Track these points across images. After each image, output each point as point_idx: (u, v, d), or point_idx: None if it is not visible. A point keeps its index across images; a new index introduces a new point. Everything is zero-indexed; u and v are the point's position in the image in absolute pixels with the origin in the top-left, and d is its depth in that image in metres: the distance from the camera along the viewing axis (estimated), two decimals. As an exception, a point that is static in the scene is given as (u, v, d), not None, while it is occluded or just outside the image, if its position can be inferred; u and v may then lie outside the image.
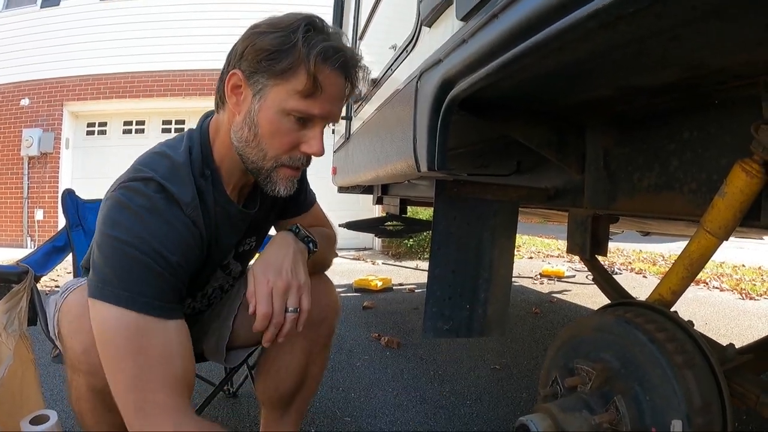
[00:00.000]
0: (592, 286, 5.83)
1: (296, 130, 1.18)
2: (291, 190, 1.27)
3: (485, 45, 0.97)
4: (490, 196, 1.60)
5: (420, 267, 7.38)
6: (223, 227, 1.31)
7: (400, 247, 8.60)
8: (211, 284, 1.50)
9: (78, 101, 9.81)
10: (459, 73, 1.11)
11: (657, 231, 3.13)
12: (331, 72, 1.14)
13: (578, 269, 7.06)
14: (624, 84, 1.22)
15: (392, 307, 4.72)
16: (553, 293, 5.39)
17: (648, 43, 0.86)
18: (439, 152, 1.22)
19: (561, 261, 8.21)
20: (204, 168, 1.24)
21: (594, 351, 1.25)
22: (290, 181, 1.26)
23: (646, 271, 7.17)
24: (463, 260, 1.58)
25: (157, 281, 1.08)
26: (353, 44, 3.36)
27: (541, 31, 0.79)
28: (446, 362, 3.15)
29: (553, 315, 4.40)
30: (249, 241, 1.51)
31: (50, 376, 2.64)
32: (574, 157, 1.61)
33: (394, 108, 1.69)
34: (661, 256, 8.65)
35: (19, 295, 1.55)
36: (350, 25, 3.73)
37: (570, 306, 4.82)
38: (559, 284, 5.98)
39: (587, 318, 1.34)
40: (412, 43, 1.61)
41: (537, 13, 0.80)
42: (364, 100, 2.60)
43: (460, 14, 1.14)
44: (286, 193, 1.27)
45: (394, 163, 1.67)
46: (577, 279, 6.29)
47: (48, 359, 1.56)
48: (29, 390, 1.53)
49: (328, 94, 1.16)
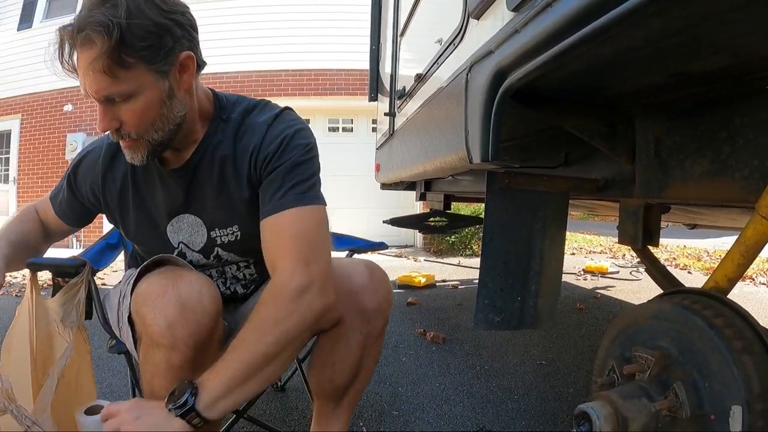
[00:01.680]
0: (636, 282, 5.77)
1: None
2: (132, 159, 1.32)
3: (540, 34, 0.98)
4: (541, 187, 1.60)
5: (462, 263, 7.35)
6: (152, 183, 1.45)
7: (441, 244, 8.58)
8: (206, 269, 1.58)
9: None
10: (513, 63, 1.11)
11: (705, 223, 3.08)
12: (70, 55, 1.18)
13: (621, 265, 6.97)
14: (675, 71, 1.22)
15: (436, 303, 4.71)
16: (597, 289, 5.33)
17: (699, 28, 0.86)
18: (493, 143, 1.23)
19: (604, 257, 8.10)
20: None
21: (651, 339, 1.25)
22: (126, 151, 1.31)
23: (690, 266, 7.04)
24: (514, 252, 1.58)
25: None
26: (394, 41, 3.37)
27: (597, 19, 0.80)
28: (492, 357, 3.15)
29: (598, 311, 4.35)
30: (227, 231, 1.50)
31: (98, 368, 2.70)
32: (624, 146, 1.60)
33: (443, 101, 1.70)
34: (705, 252, 8.48)
35: (76, 287, 1.58)
36: (389, 22, 3.74)
37: (614, 302, 4.76)
38: (603, 280, 5.90)
39: (643, 306, 1.33)
40: (459, 35, 1.61)
41: (594, 2, 0.80)
42: (408, 96, 2.61)
43: (511, 5, 1.14)
44: (130, 161, 1.33)
45: (443, 157, 1.68)
46: (621, 275, 6.19)
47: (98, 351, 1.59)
48: (84, 380, 1.56)
49: (79, 74, 1.19)
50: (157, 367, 1.26)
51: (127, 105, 1.21)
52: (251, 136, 1.40)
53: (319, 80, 9.31)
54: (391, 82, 3.32)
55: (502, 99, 1.18)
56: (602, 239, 10.44)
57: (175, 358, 1.23)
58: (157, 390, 1.28)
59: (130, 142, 1.27)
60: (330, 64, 9.22)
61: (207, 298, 1.28)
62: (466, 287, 5.50)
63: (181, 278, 1.28)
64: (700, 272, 6.65)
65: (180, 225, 1.49)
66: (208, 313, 1.27)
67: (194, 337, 1.23)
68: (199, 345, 1.25)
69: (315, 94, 9.33)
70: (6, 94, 11.00)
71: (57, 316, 1.55)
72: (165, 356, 1.24)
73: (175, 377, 1.25)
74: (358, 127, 9.80)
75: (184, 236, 1.51)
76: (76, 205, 1.58)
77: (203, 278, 1.33)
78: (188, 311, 1.23)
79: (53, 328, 1.53)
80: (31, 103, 10.74)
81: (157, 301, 1.24)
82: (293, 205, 1.32)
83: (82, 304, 1.57)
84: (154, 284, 1.27)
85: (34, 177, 10.54)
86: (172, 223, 1.49)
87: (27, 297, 1.52)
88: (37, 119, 10.68)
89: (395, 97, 3.07)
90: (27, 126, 10.78)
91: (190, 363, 1.25)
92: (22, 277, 6.22)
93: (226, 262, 1.59)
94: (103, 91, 1.17)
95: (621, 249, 8.95)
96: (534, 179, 1.60)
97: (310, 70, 9.26)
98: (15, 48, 11.13)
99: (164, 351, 1.23)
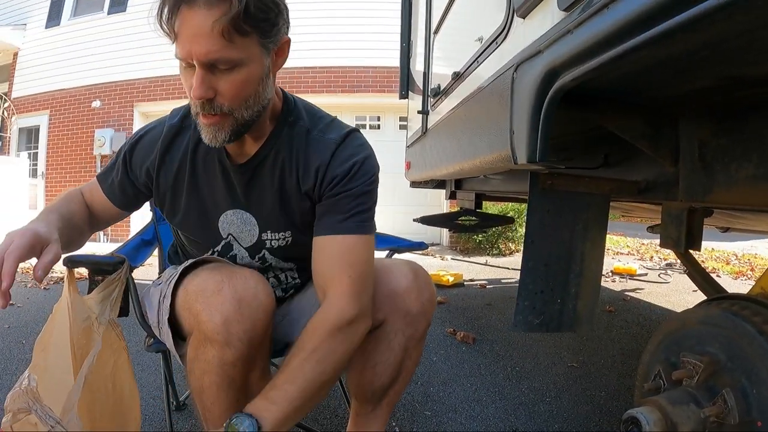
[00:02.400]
0: (665, 284, 5.71)
1: (190, 76, 1.19)
2: (212, 140, 1.27)
3: (597, 36, 0.97)
4: (583, 188, 1.59)
5: (489, 263, 7.33)
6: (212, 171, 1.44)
7: (468, 243, 8.57)
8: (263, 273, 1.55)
9: (148, 102, 10.14)
10: (565, 64, 1.10)
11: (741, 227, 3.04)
12: (174, 16, 1.13)
13: (650, 267, 6.91)
14: (726, 75, 1.20)
15: (465, 302, 4.70)
16: (626, 291, 5.29)
17: (758, 33, 0.85)
18: (541, 144, 1.22)
19: (631, 258, 8.04)
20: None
21: (699, 344, 1.24)
22: (207, 130, 1.26)
23: (719, 270, 6.95)
24: (555, 254, 1.57)
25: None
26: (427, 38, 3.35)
27: (661, 24, 0.79)
28: (523, 359, 3.13)
29: (627, 314, 4.31)
30: (279, 236, 1.52)
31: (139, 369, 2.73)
32: (667, 148, 1.58)
33: (484, 100, 1.69)
34: (734, 255, 8.39)
35: (113, 284, 1.59)
36: (421, 19, 3.73)
37: (644, 305, 4.72)
38: (631, 282, 5.85)
39: (690, 311, 1.32)
40: (503, 34, 1.60)
41: (656, 6, 0.79)
42: (443, 94, 2.61)
43: (563, 5, 1.13)
44: (209, 141, 1.28)
45: (483, 156, 1.67)
46: (650, 277, 6.14)
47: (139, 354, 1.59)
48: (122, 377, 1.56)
49: (183, 35, 1.14)
50: (210, 364, 1.27)
51: (229, 75, 1.18)
52: (318, 151, 1.40)
53: (347, 77, 9.35)
54: (424, 80, 3.32)
55: (553, 99, 1.16)
56: (629, 240, 10.35)
57: (229, 355, 1.25)
58: (206, 387, 1.29)
59: (218, 118, 1.23)
60: (357, 62, 9.25)
61: (263, 294, 1.29)
62: (494, 287, 5.49)
63: (236, 274, 1.29)
64: (729, 276, 6.58)
65: (233, 219, 1.49)
66: (264, 310, 1.28)
67: (249, 333, 1.25)
68: (254, 341, 1.27)
69: (342, 91, 9.37)
70: (35, 90, 11.20)
71: (93, 313, 1.55)
72: (219, 353, 1.25)
73: (226, 374, 1.26)
74: (385, 124, 9.83)
75: (234, 230, 1.51)
76: (128, 186, 1.52)
77: (257, 275, 1.34)
78: (245, 307, 1.24)
79: (90, 326, 1.54)
80: (60, 99, 10.93)
81: (213, 298, 1.25)
82: (353, 232, 1.36)
83: (117, 301, 1.58)
84: (209, 280, 1.28)
85: (62, 172, 10.71)
86: (227, 214, 1.49)
87: (65, 294, 1.53)
88: (65, 115, 10.87)
89: (429, 95, 3.06)
90: (55, 122, 10.96)
91: (243, 360, 1.27)
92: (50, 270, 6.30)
93: (269, 267, 1.59)
94: (213, 54, 1.14)
95: (648, 251, 8.87)
96: (577, 180, 1.59)
97: (338, 67, 9.30)
98: (43, 45, 11.35)
99: (218, 347, 1.24)
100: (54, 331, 1.49)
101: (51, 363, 1.46)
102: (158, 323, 1.47)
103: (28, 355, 3.07)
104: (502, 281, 5.88)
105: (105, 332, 1.53)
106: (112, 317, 1.56)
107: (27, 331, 3.63)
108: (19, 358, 3.03)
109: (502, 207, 7.67)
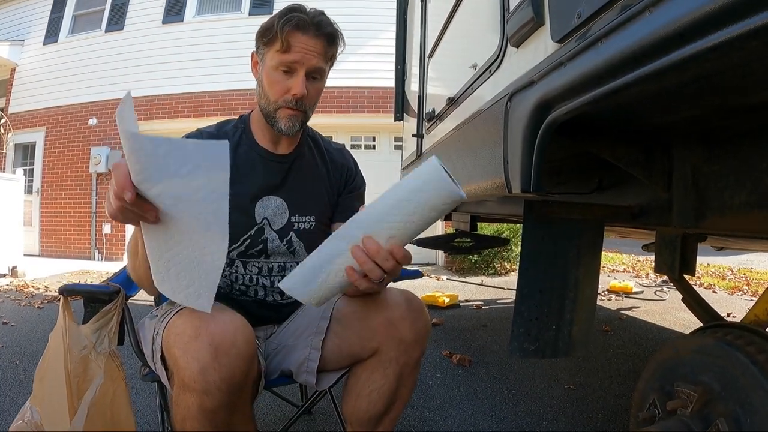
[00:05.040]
0: (661, 302, 5.71)
1: (285, 79, 1.56)
2: (290, 127, 1.61)
3: (591, 70, 0.96)
4: (577, 215, 1.59)
5: (485, 283, 7.32)
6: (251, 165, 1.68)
7: (463, 263, 8.55)
8: (273, 258, 1.70)
9: (145, 120, 10.13)
10: (558, 97, 1.10)
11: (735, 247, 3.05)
12: (293, 30, 1.51)
13: (645, 285, 6.91)
14: (720, 104, 1.20)
15: (461, 324, 4.69)
16: (621, 310, 5.29)
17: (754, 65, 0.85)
18: (535, 175, 1.22)
19: (627, 275, 8.05)
20: (238, 123, 1.75)
21: (693, 373, 1.24)
22: (290, 120, 1.61)
23: (715, 285, 6.96)
24: (550, 280, 1.57)
25: None
26: (421, 62, 3.37)
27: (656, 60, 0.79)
28: (519, 381, 3.13)
29: (624, 333, 4.31)
30: (305, 219, 1.73)
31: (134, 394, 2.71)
32: (660, 174, 1.59)
33: (478, 127, 1.69)
34: (729, 270, 8.41)
35: (110, 314, 1.59)
36: (415, 42, 3.75)
37: (640, 324, 4.72)
38: (627, 300, 5.86)
39: (684, 339, 1.32)
40: (496, 62, 1.61)
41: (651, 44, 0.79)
42: (438, 119, 2.61)
43: (556, 36, 1.14)
44: (287, 129, 1.61)
45: (477, 183, 1.67)
46: (646, 295, 6.15)
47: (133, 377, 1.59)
48: (120, 407, 1.56)
49: (297, 48, 1.53)
50: (189, 410, 1.25)
51: (316, 83, 1.61)
52: (336, 153, 1.87)
53: (342, 98, 9.38)
54: (418, 104, 3.33)
55: (546, 132, 1.17)
56: (624, 257, 10.36)
57: (208, 403, 1.22)
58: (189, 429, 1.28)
59: (299, 112, 1.61)
60: (352, 82, 9.28)
61: (241, 341, 1.26)
62: (490, 308, 5.49)
63: (214, 319, 1.25)
64: (725, 291, 6.59)
65: (268, 204, 1.69)
66: (243, 357, 1.25)
67: (227, 382, 1.22)
68: (233, 389, 1.24)
69: (337, 112, 9.40)
70: (31, 106, 11.25)
71: (90, 342, 1.55)
72: (197, 400, 1.22)
73: (208, 420, 1.24)
74: (380, 144, 9.86)
75: (269, 214, 1.69)
76: None
77: (237, 319, 1.31)
78: (221, 355, 1.21)
79: (87, 355, 1.53)
80: (56, 116, 10.96)
81: (190, 345, 1.22)
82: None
83: (114, 331, 1.59)
84: (186, 324, 1.26)
85: (58, 189, 10.73)
86: (263, 200, 1.68)
87: (60, 323, 1.53)
88: (61, 132, 10.90)
89: (424, 118, 3.07)
90: (51, 138, 10.99)
91: (224, 407, 1.24)
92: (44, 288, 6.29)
93: (293, 252, 1.73)
94: (317, 66, 1.57)
95: (644, 267, 8.89)
96: (570, 207, 1.59)
97: (333, 87, 9.32)
98: (41, 61, 11.40)
99: (196, 395, 1.22)
100: (50, 361, 1.49)
101: (47, 393, 1.46)
102: (152, 357, 1.46)
103: (22, 376, 3.06)
104: (497, 302, 5.88)
105: (106, 363, 1.53)
106: (112, 347, 1.57)
107: (21, 351, 3.62)
108: (13, 379, 3.02)
109: (496, 228, 7.67)
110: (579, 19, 1.02)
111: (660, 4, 0.77)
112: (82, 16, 11.25)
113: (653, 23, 0.78)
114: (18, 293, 5.50)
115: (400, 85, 4.50)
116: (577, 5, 1.04)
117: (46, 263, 9.04)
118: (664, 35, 0.75)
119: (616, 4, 0.90)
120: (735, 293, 6.48)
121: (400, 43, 4.55)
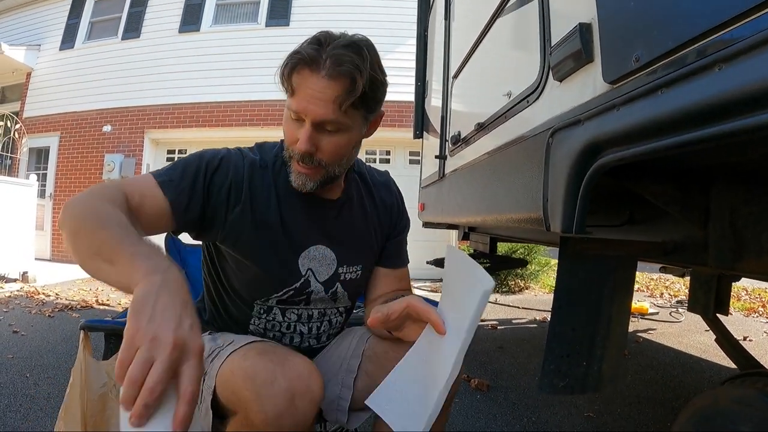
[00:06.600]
0: (677, 324, 5.66)
1: (295, 128, 1.35)
2: (301, 186, 1.42)
3: (649, 120, 0.93)
4: (612, 251, 1.57)
5: (499, 301, 7.25)
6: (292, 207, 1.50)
7: (476, 280, 8.48)
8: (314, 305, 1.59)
9: (159, 129, 10.19)
10: (610, 141, 1.08)
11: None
12: (295, 73, 1.29)
13: (660, 305, 6.86)
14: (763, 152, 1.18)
15: (476, 346, 4.63)
16: (638, 332, 5.23)
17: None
18: (579, 217, 1.20)
19: (642, 295, 8.00)
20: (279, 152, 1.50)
21: (732, 423, 1.21)
22: (299, 176, 1.41)
23: (731, 307, 6.89)
24: (582, 317, 1.54)
25: None
26: (444, 81, 3.34)
27: (727, 123, 0.76)
28: (539, 408, 3.09)
29: (641, 356, 4.27)
30: (352, 269, 1.61)
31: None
32: (697, 212, 1.56)
33: (512, 158, 1.67)
34: (744, 290, 8.35)
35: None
36: (436, 60, 3.73)
37: (657, 347, 4.67)
38: (643, 322, 5.80)
39: (723, 389, 1.29)
40: (534, 94, 1.58)
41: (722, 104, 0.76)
42: (464, 143, 2.59)
43: (609, 77, 1.10)
44: (296, 186, 1.42)
45: (509, 213, 1.65)
46: (661, 316, 6.09)
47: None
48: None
49: (301, 93, 1.29)
50: None
51: (332, 136, 1.34)
52: (384, 191, 1.72)
53: (358, 112, 9.37)
54: (441, 124, 3.30)
55: (593, 175, 1.14)
56: (639, 275, 10.29)
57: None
58: None
59: (313, 169, 1.38)
60: (367, 96, 9.27)
61: (315, 384, 1.23)
62: (505, 327, 5.44)
63: (288, 362, 1.22)
64: (741, 313, 6.55)
65: (314, 254, 1.55)
66: (314, 401, 1.22)
67: (299, 426, 1.19)
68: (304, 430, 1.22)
69: (353, 125, 9.39)
70: (46, 111, 11.31)
71: (111, 379, 1.51)
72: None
73: None
74: (396, 158, 9.87)
75: (314, 265, 1.56)
76: (197, 197, 1.38)
77: (308, 363, 1.27)
78: (298, 400, 1.18)
79: (107, 392, 1.50)
80: (71, 122, 11.02)
81: (265, 389, 1.17)
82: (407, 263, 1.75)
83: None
84: (259, 366, 1.21)
85: (70, 194, 10.74)
86: (309, 250, 1.54)
87: (79, 359, 1.50)
88: (75, 138, 10.95)
89: (448, 140, 3.05)
90: (65, 144, 11.04)
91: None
92: (55, 295, 6.27)
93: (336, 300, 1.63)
94: (327, 117, 1.29)
95: (658, 286, 8.83)
96: (606, 244, 1.56)
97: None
98: (57, 67, 11.46)
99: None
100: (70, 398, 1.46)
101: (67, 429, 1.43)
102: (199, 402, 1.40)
103: (32, 390, 3.04)
104: (513, 321, 5.83)
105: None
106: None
107: (32, 362, 3.61)
108: (24, 393, 3.00)
109: (510, 246, 7.60)
110: (637, 63, 0.99)
111: (732, 62, 0.74)
112: (99, 23, 11.34)
113: (726, 82, 0.75)
114: (29, 300, 5.49)
115: (420, 102, 4.49)
116: (633, 47, 1.01)
117: (57, 268, 9.04)
118: (740, 97, 0.72)
119: (677, 54, 0.88)
120: (750, 315, 6.43)
121: (420, 59, 4.54)
